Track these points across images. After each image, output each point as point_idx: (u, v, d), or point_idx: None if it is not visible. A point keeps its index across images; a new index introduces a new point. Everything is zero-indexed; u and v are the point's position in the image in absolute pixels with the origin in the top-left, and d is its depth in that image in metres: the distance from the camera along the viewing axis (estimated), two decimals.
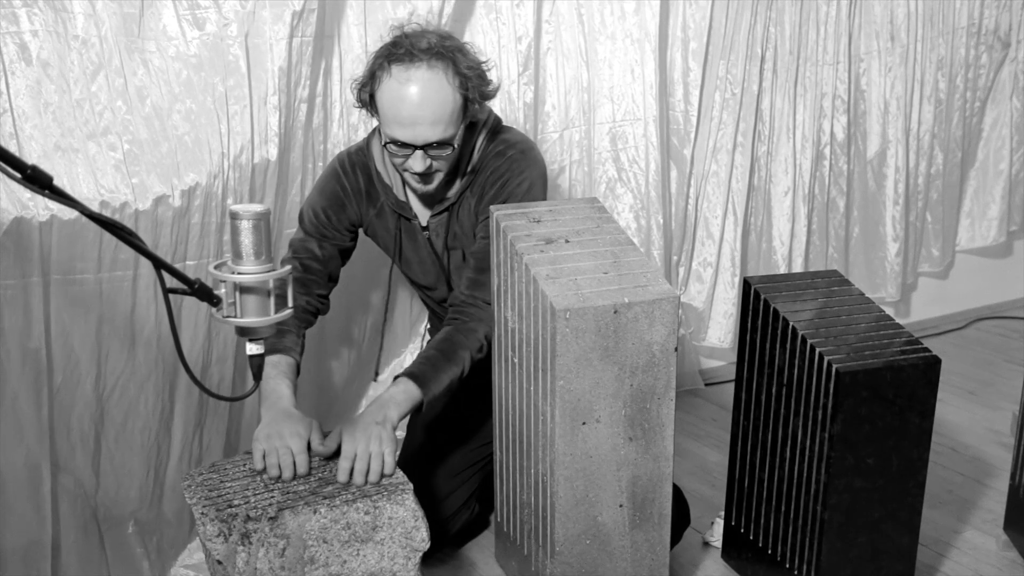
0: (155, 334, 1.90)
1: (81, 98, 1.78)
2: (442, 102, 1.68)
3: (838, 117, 2.95)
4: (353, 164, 1.90)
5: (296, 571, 1.47)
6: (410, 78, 1.67)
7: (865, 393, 1.67)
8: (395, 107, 1.68)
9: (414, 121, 1.68)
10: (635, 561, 1.76)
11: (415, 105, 1.67)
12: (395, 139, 1.71)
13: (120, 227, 1.11)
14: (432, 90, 1.67)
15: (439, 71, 1.68)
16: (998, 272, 3.56)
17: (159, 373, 1.92)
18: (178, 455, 2.00)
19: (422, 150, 1.71)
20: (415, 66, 1.67)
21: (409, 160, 1.72)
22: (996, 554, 2.11)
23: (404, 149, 1.71)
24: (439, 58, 1.68)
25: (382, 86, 1.69)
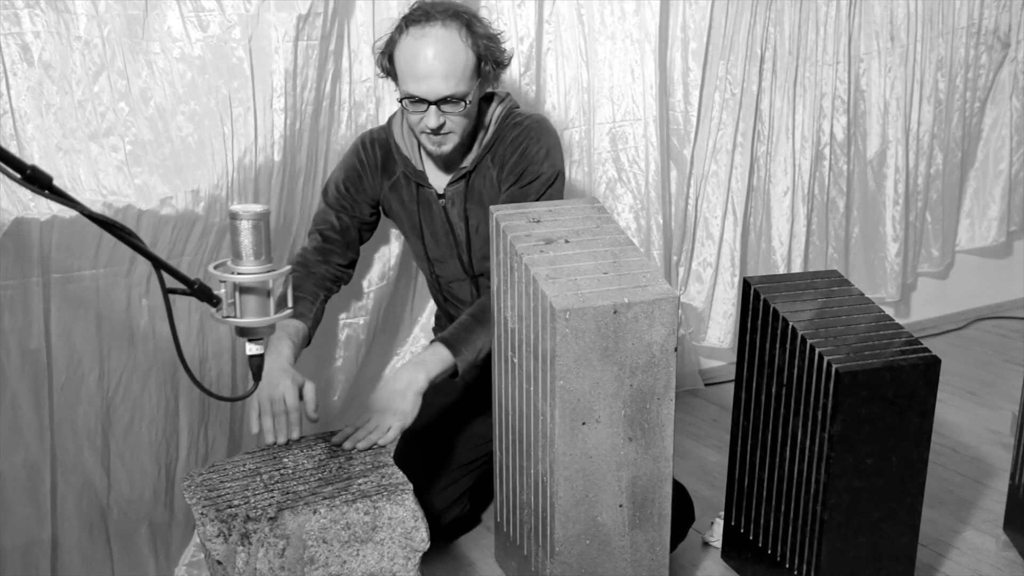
0: (150, 328, 1.89)
1: (83, 99, 1.78)
2: (454, 56, 1.75)
3: (838, 117, 2.95)
4: (373, 140, 1.98)
5: (296, 571, 1.47)
6: (425, 33, 1.75)
7: (865, 393, 1.67)
8: (410, 62, 1.76)
9: (428, 74, 1.75)
10: (635, 561, 1.77)
11: (428, 59, 1.74)
12: (410, 94, 1.78)
13: (119, 227, 1.11)
14: (444, 44, 1.75)
15: (453, 28, 1.76)
16: (998, 272, 3.56)
17: (159, 367, 1.92)
18: (186, 452, 1.99)
19: (436, 105, 1.77)
20: (430, 24, 1.76)
21: (424, 116, 1.79)
22: (996, 554, 2.11)
23: (419, 105, 1.78)
24: (454, 18, 1.77)
25: (399, 45, 1.78)
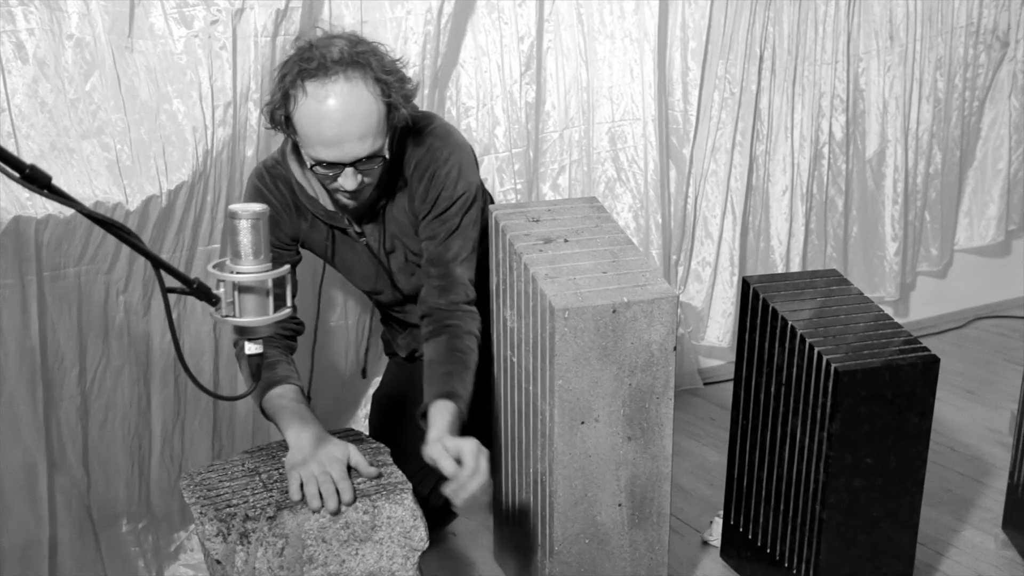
0: (125, 325, 1.89)
1: (76, 98, 1.78)
2: (367, 114, 1.56)
3: (837, 116, 2.95)
4: (274, 178, 1.77)
5: (295, 571, 1.47)
6: (328, 93, 1.54)
7: (864, 392, 1.67)
8: (317, 127, 1.55)
9: (340, 139, 1.56)
10: (634, 560, 1.76)
11: (338, 123, 1.55)
12: (321, 160, 1.59)
13: (119, 226, 1.11)
14: (354, 103, 1.54)
15: (358, 81, 1.55)
16: (997, 271, 3.56)
17: (132, 364, 1.91)
18: (159, 449, 1.98)
19: (352, 167, 1.60)
20: (331, 80, 1.54)
21: (339, 179, 1.61)
22: (995, 553, 2.11)
23: (332, 169, 1.60)
24: (355, 67, 1.55)
25: (299, 106, 1.56)
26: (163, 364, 1.95)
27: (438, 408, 1.61)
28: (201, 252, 1.95)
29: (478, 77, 2.32)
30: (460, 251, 1.75)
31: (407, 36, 2.13)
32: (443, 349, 1.71)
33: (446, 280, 1.74)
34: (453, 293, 1.74)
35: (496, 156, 2.39)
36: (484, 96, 2.34)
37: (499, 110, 2.36)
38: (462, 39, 2.28)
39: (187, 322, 1.96)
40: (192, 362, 2.00)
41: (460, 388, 1.66)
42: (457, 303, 1.74)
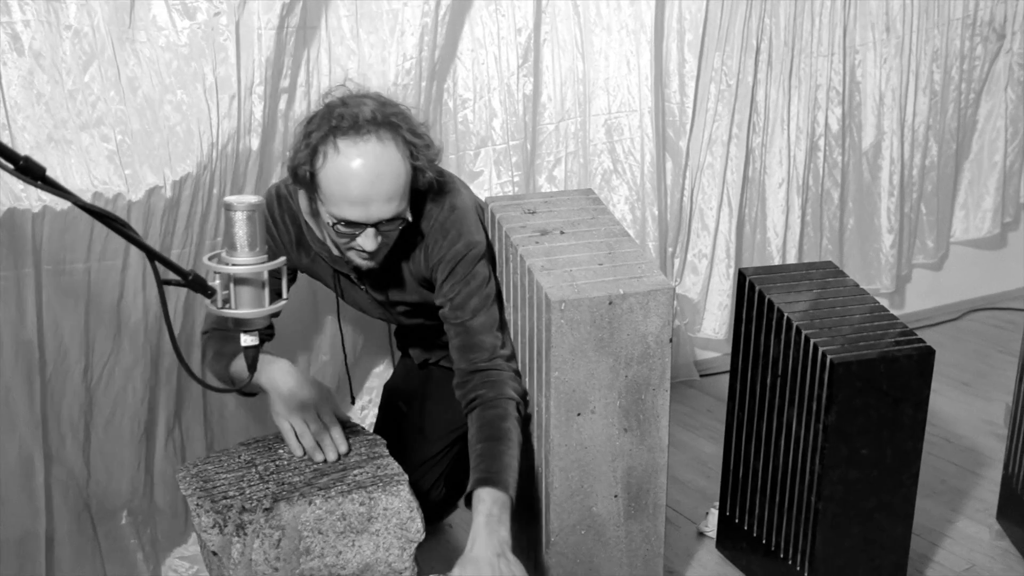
0: (142, 323, 1.89)
1: (74, 89, 1.77)
2: (395, 175, 1.55)
3: (833, 108, 2.95)
4: (283, 211, 1.75)
5: (291, 562, 1.47)
6: (360, 153, 1.52)
7: (859, 384, 1.68)
8: (345, 185, 1.53)
9: (368, 199, 1.54)
10: (630, 551, 1.77)
11: (368, 182, 1.53)
12: (344, 219, 1.56)
13: (113, 218, 1.10)
14: (384, 164, 1.53)
15: (389, 143, 1.54)
16: (992, 263, 3.57)
17: (146, 362, 1.92)
18: (163, 444, 1.99)
19: (374, 228, 1.58)
20: (363, 139, 1.52)
21: (359, 239, 1.59)
22: (989, 543, 2.12)
23: (354, 228, 1.58)
24: (387, 128, 1.55)
25: (328, 163, 1.53)
26: (171, 359, 1.95)
27: (476, 505, 1.54)
28: (210, 246, 1.95)
29: (475, 69, 2.32)
30: (478, 308, 1.70)
31: (404, 28, 2.12)
32: (477, 424, 1.65)
33: (465, 340, 1.70)
34: (473, 352, 1.69)
35: (493, 148, 2.39)
36: (481, 88, 2.34)
37: (496, 102, 2.36)
38: (460, 31, 2.28)
39: (189, 316, 1.96)
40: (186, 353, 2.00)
41: (495, 467, 1.57)
42: (477, 362, 1.69)
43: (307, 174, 1.56)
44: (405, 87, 2.15)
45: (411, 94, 2.16)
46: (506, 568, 1.46)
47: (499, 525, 1.51)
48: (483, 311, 1.71)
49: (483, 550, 1.47)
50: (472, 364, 1.69)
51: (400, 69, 2.13)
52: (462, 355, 1.70)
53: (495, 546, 1.48)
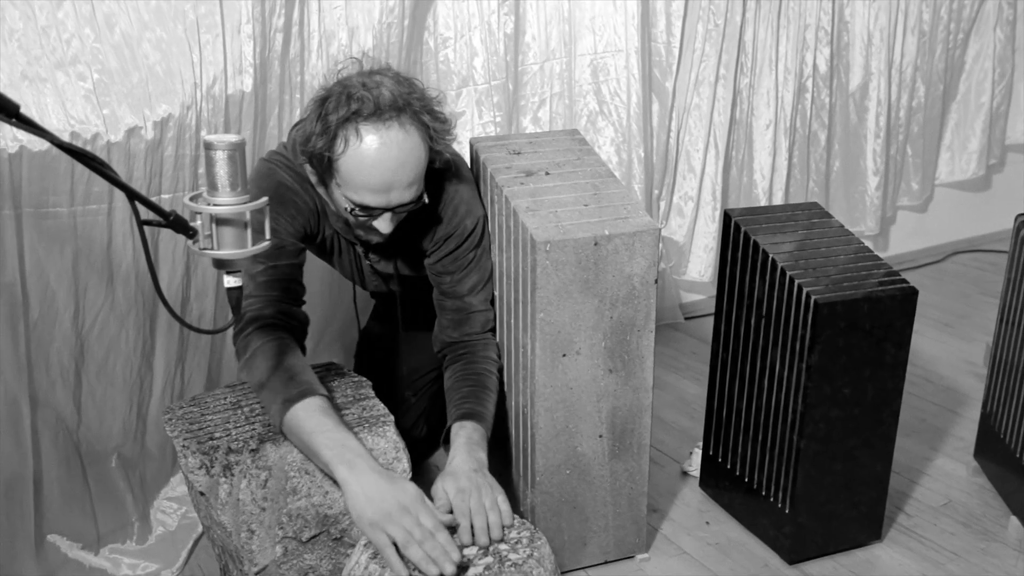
0: (133, 269, 1.88)
1: (47, 25, 1.73)
2: (416, 162, 1.53)
3: (821, 49, 2.92)
4: (303, 180, 1.65)
5: (278, 502, 1.48)
6: (384, 141, 1.49)
7: (843, 324, 1.69)
8: (366, 173, 1.50)
9: (389, 187, 1.52)
10: (614, 490, 1.79)
11: (391, 170, 1.50)
12: (364, 204, 1.54)
13: (91, 157, 1.08)
14: (407, 152, 1.51)
15: (412, 128, 1.51)
16: (976, 206, 3.58)
17: (139, 308, 1.91)
18: (160, 390, 2.00)
19: (392, 212, 1.56)
20: (386, 126, 1.49)
21: (376, 222, 1.57)
22: (966, 480, 2.16)
23: (370, 212, 1.55)
24: (409, 113, 1.51)
25: (349, 150, 1.49)
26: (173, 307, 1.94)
27: (456, 431, 1.58)
28: None
29: (455, 7, 2.27)
30: (476, 283, 1.75)
31: None
32: (459, 375, 1.70)
33: (461, 313, 1.75)
34: (467, 325, 1.75)
35: (475, 88, 2.36)
36: (462, 27, 2.30)
37: (477, 41, 2.32)
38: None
39: (193, 265, 1.95)
40: (197, 303, 1.99)
41: (478, 407, 1.63)
42: (471, 334, 1.75)
43: (325, 159, 1.52)
44: (389, 26, 2.11)
45: (394, 33, 2.13)
46: (483, 481, 1.48)
47: (477, 448, 1.56)
48: (480, 288, 1.76)
49: (461, 465, 1.51)
50: (463, 335, 1.75)
51: (384, 7, 2.09)
52: (454, 327, 1.75)
53: (472, 463, 1.52)
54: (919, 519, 2.02)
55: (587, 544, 1.82)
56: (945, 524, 2.00)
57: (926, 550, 1.92)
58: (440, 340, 1.78)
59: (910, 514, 2.03)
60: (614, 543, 1.84)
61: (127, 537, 1.95)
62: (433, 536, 1.34)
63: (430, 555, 1.32)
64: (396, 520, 1.35)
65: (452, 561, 1.32)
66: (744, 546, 1.93)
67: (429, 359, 1.94)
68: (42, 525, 1.87)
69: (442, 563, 1.31)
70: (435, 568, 1.31)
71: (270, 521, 1.48)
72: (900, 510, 2.04)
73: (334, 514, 1.52)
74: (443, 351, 1.78)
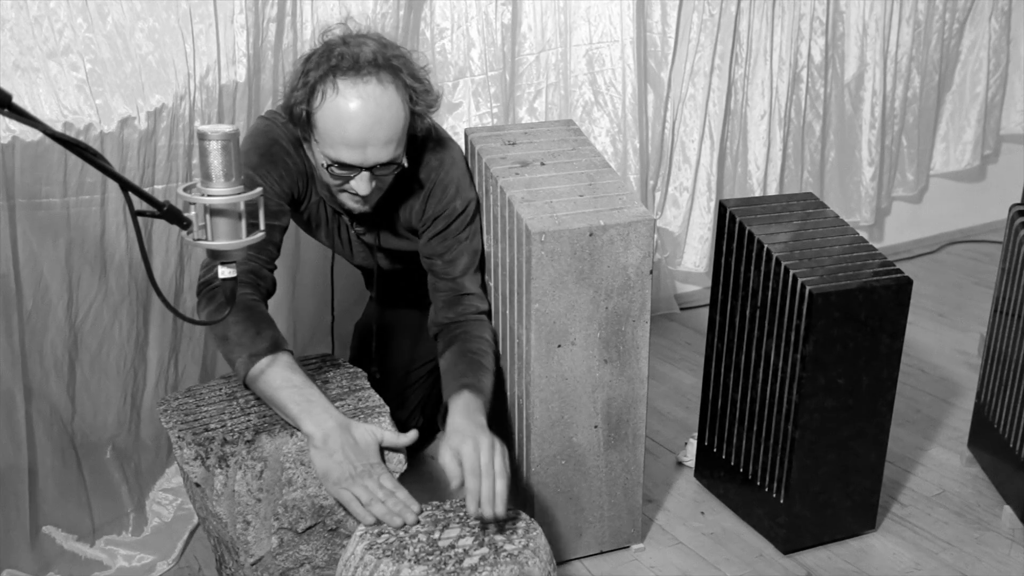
0: (127, 259, 1.87)
1: (39, 15, 1.72)
2: (394, 119, 1.52)
3: (816, 39, 2.92)
4: (296, 143, 1.65)
5: (274, 493, 1.48)
6: (360, 95, 1.49)
7: (837, 314, 1.69)
8: (342, 127, 1.50)
9: (365, 142, 1.51)
10: (609, 480, 1.80)
11: (367, 125, 1.50)
12: (340, 161, 1.54)
13: (84, 147, 1.08)
14: (384, 107, 1.50)
15: (390, 86, 1.51)
16: (971, 196, 3.58)
17: (132, 299, 1.91)
18: (154, 381, 1.99)
19: (369, 171, 1.55)
20: (363, 80, 1.49)
21: (353, 181, 1.56)
22: (960, 469, 2.17)
23: (348, 171, 1.55)
24: (388, 70, 1.51)
25: (326, 103, 1.50)
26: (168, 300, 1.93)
27: (454, 400, 1.59)
28: None
29: None
30: (468, 265, 1.74)
31: None
32: (455, 354, 1.69)
33: (454, 295, 1.74)
34: (461, 306, 1.74)
35: (472, 79, 2.35)
36: (459, 18, 2.29)
37: (474, 32, 2.31)
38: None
39: (188, 257, 1.94)
40: (190, 294, 1.99)
41: (475, 379, 1.63)
42: (466, 314, 1.73)
43: (303, 113, 1.53)
44: (383, 15, 2.10)
45: (389, 23, 2.12)
46: (485, 438, 1.49)
47: (477, 413, 1.57)
48: (472, 269, 1.75)
49: (461, 423, 1.52)
50: (458, 316, 1.74)
51: None
52: (448, 307, 1.74)
53: (472, 425, 1.53)
54: (913, 508, 2.02)
55: (582, 534, 1.82)
56: (939, 513, 2.01)
57: (920, 539, 1.92)
58: (435, 323, 1.77)
59: (904, 503, 2.04)
60: (609, 533, 1.84)
61: (122, 528, 1.95)
62: (393, 494, 1.44)
63: (392, 510, 1.42)
64: (360, 481, 1.43)
65: (413, 512, 1.43)
66: (739, 536, 1.93)
67: (425, 352, 1.94)
68: (37, 517, 1.87)
69: (404, 514, 1.42)
70: (399, 519, 1.42)
71: (266, 512, 1.48)
72: (894, 499, 2.05)
73: (330, 505, 1.52)
74: (438, 333, 1.77)
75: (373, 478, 1.44)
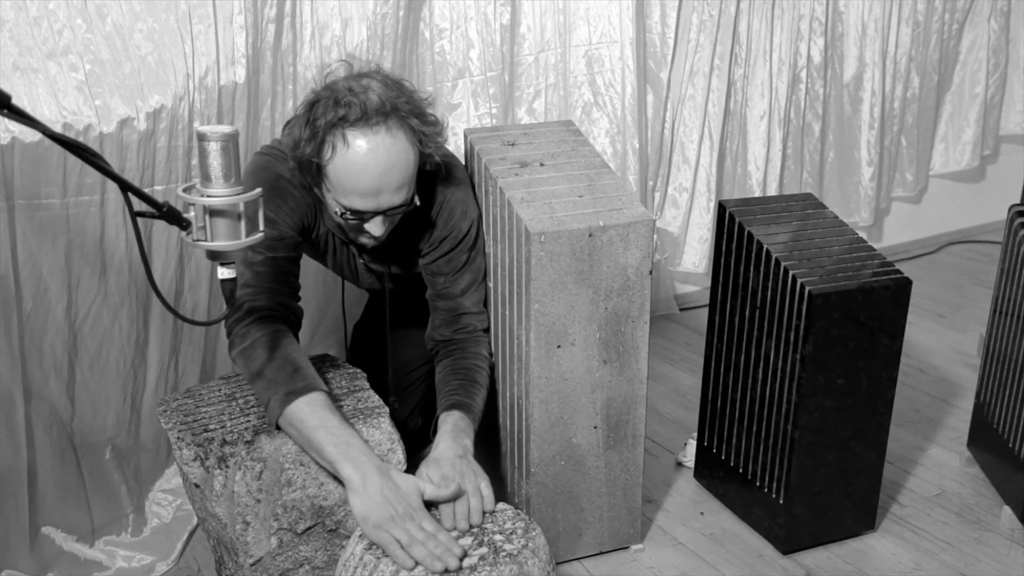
0: (126, 260, 1.87)
1: (39, 15, 1.72)
2: (405, 165, 1.53)
3: (815, 39, 2.92)
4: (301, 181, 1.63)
5: (273, 493, 1.48)
6: (370, 145, 1.49)
7: (837, 315, 1.69)
8: (356, 178, 1.51)
9: (378, 191, 1.52)
10: (609, 481, 1.80)
11: (379, 175, 1.51)
12: (354, 208, 1.55)
13: (83, 148, 1.08)
14: (395, 155, 1.51)
15: (399, 133, 1.51)
16: (970, 197, 3.58)
17: (132, 300, 1.91)
18: (154, 382, 1.99)
19: (383, 215, 1.57)
20: (373, 131, 1.49)
21: (367, 225, 1.57)
22: (959, 470, 2.17)
23: (361, 216, 1.56)
24: (395, 117, 1.52)
25: (337, 156, 1.50)
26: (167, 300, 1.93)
27: (443, 419, 1.61)
28: None
29: None
30: (469, 284, 1.76)
31: None
32: (449, 369, 1.72)
33: (453, 314, 1.76)
34: (459, 324, 1.76)
35: (471, 80, 2.35)
36: (458, 18, 2.29)
37: (473, 32, 2.31)
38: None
39: (187, 257, 1.94)
40: (191, 295, 1.99)
41: (466, 398, 1.66)
42: (463, 332, 1.76)
43: (314, 166, 1.53)
44: (383, 16, 2.10)
45: (389, 24, 2.12)
46: (467, 467, 1.51)
47: (463, 435, 1.58)
48: (473, 288, 1.77)
49: (446, 451, 1.54)
50: (454, 334, 1.76)
51: None
52: (447, 326, 1.77)
53: (457, 449, 1.54)
54: (912, 509, 2.02)
55: (582, 535, 1.82)
56: (938, 514, 2.01)
57: (919, 540, 1.92)
58: (432, 338, 1.79)
59: (904, 504, 2.04)
60: (609, 534, 1.84)
61: (122, 529, 1.95)
62: (435, 537, 1.38)
63: (434, 553, 1.35)
64: (400, 524, 1.38)
65: (455, 556, 1.35)
66: (738, 536, 1.93)
67: (424, 352, 1.94)
68: (36, 517, 1.87)
69: (446, 559, 1.35)
70: (440, 564, 1.34)
71: (265, 513, 1.48)
72: (894, 500, 2.05)
73: (329, 505, 1.52)
74: (435, 348, 1.79)
75: (414, 521, 1.40)
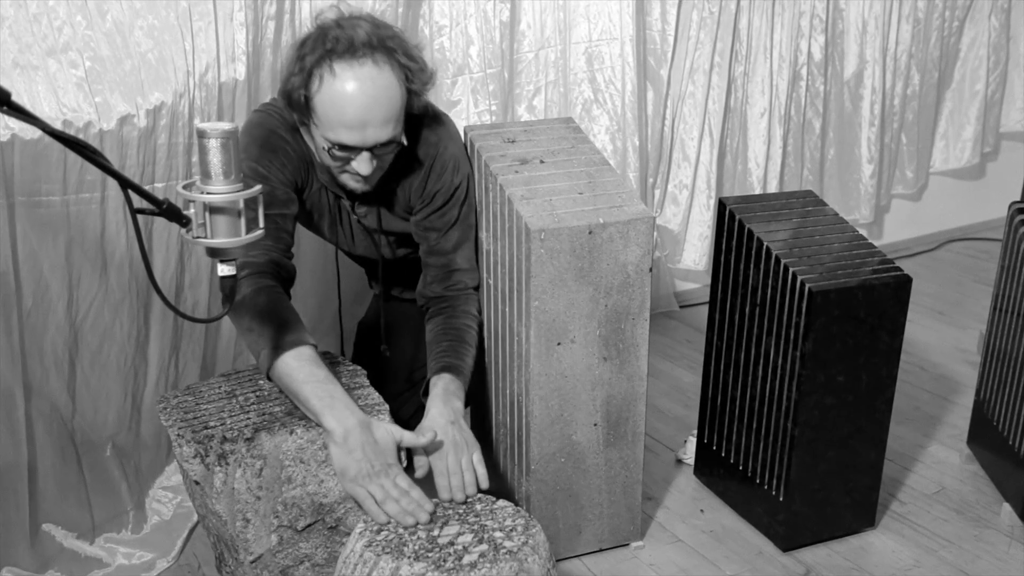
0: (127, 257, 1.88)
1: (38, 12, 1.71)
2: (391, 99, 1.54)
3: (816, 36, 2.92)
4: (293, 130, 1.66)
5: (273, 490, 1.49)
6: (356, 76, 1.51)
7: (837, 312, 1.69)
8: (341, 109, 1.52)
9: (364, 123, 1.53)
10: (609, 478, 1.80)
11: (365, 106, 1.52)
12: (340, 142, 1.55)
13: (84, 145, 1.08)
14: (381, 88, 1.52)
15: (385, 66, 1.53)
16: (971, 194, 3.58)
17: (133, 297, 1.91)
18: (155, 379, 2.00)
19: (369, 151, 1.57)
20: (359, 62, 1.51)
21: (354, 162, 1.58)
22: (959, 467, 2.17)
23: (349, 152, 1.57)
24: (383, 51, 1.53)
25: (324, 87, 1.52)
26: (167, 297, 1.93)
27: (433, 383, 1.63)
28: None
29: None
30: (460, 240, 1.77)
31: None
32: (439, 328, 1.74)
33: (445, 270, 1.77)
34: (450, 281, 1.77)
35: (470, 76, 2.35)
36: (457, 15, 2.29)
37: (472, 29, 2.31)
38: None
39: (188, 255, 1.95)
40: (191, 292, 1.99)
41: (456, 360, 1.68)
42: (454, 289, 1.77)
43: (302, 98, 1.54)
44: (382, 13, 2.10)
45: (388, 20, 2.11)
46: (458, 434, 1.55)
47: (453, 398, 1.61)
48: (464, 243, 1.78)
49: (437, 417, 1.57)
50: (446, 291, 1.77)
51: None
52: (438, 282, 1.78)
53: (448, 414, 1.57)
54: (912, 506, 2.02)
55: (582, 532, 1.82)
56: (938, 511, 2.01)
57: (919, 537, 1.93)
58: (423, 295, 1.80)
59: (903, 501, 2.04)
60: (609, 531, 1.84)
61: (122, 526, 1.95)
62: (408, 493, 1.45)
63: (406, 509, 1.43)
64: (376, 480, 1.45)
65: (426, 511, 1.44)
66: (738, 533, 1.94)
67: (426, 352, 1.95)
68: (37, 514, 1.87)
69: (418, 514, 1.43)
70: (411, 519, 1.42)
71: (265, 510, 1.48)
72: (893, 497, 2.05)
73: (329, 503, 1.52)
74: (426, 305, 1.81)
75: (389, 477, 1.45)
